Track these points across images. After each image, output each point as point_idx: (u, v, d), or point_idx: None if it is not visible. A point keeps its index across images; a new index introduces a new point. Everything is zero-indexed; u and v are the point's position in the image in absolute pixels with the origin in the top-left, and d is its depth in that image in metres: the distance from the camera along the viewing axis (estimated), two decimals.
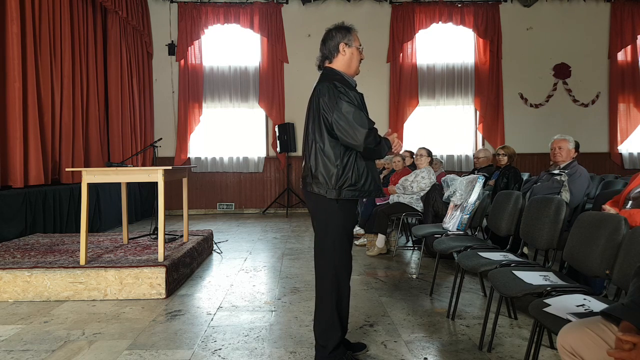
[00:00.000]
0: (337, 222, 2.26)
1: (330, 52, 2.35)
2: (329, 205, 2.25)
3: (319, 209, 2.29)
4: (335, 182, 2.22)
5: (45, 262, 3.65)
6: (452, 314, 3.03)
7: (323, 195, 2.24)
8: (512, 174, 4.85)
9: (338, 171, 2.22)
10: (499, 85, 9.34)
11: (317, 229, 2.33)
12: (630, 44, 9.39)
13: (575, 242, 2.22)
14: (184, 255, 4.05)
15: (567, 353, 1.48)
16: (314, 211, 2.35)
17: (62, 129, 6.11)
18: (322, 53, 2.39)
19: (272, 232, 6.81)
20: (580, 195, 3.69)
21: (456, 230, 3.79)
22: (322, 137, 2.25)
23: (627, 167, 9.30)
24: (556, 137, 3.96)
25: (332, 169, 2.22)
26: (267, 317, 3.08)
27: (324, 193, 2.24)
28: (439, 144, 9.26)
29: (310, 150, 2.29)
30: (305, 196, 2.41)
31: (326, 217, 2.27)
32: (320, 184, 2.24)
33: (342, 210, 2.26)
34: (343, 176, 2.22)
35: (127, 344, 2.63)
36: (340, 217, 2.26)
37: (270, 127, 9.38)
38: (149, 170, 3.72)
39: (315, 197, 2.28)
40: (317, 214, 2.31)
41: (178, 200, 5.66)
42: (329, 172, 2.23)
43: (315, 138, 2.27)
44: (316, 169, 2.25)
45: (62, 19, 6.14)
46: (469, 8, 9.27)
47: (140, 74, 8.58)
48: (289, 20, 9.23)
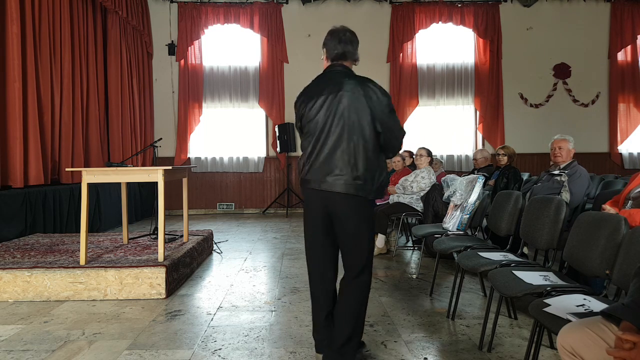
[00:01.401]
0: (370, 222, 2.25)
1: (353, 55, 2.29)
2: (367, 206, 2.21)
3: (353, 209, 2.17)
4: (375, 183, 2.19)
5: (45, 262, 3.65)
6: (452, 314, 3.03)
7: (363, 196, 2.15)
8: (512, 174, 4.85)
9: (380, 172, 2.22)
10: (499, 85, 9.34)
11: (348, 230, 2.18)
12: (630, 44, 9.39)
13: (575, 242, 2.22)
14: (184, 255, 4.05)
15: (567, 353, 1.48)
16: (343, 212, 2.17)
17: (62, 129, 6.11)
18: (344, 50, 2.25)
19: (272, 232, 6.81)
20: (580, 195, 3.69)
21: (456, 230, 3.79)
22: (369, 136, 2.15)
23: (627, 167, 9.30)
24: (556, 137, 3.95)
25: (375, 170, 2.19)
26: (267, 317, 3.08)
27: (365, 195, 2.16)
28: (439, 144, 9.26)
29: (350, 149, 2.13)
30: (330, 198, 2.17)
31: (362, 218, 2.19)
32: (363, 185, 2.14)
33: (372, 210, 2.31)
34: (381, 178, 2.23)
35: (127, 344, 2.63)
36: (371, 216, 2.28)
37: (270, 127, 9.38)
38: (149, 170, 3.72)
39: (348, 198, 2.14)
40: (351, 215, 2.17)
41: (178, 200, 5.66)
42: (373, 173, 2.17)
43: (362, 136, 2.13)
44: (361, 170, 2.13)
45: (62, 19, 6.14)
46: (469, 8, 9.27)
47: (140, 74, 8.58)
48: (289, 20, 9.23)
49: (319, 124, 2.18)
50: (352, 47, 2.27)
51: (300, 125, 2.30)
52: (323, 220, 2.24)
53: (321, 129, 2.17)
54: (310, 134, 2.22)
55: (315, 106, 2.19)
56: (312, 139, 2.20)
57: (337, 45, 2.25)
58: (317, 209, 2.23)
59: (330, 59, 2.28)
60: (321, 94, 2.18)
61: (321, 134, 2.17)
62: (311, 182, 2.21)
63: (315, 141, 2.19)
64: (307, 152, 2.23)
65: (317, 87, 2.24)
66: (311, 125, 2.21)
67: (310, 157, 2.21)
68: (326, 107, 2.17)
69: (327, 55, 2.29)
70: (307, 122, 2.23)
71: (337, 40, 2.25)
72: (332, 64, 2.29)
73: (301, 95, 2.29)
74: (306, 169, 2.23)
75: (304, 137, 2.28)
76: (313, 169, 2.20)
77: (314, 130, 2.20)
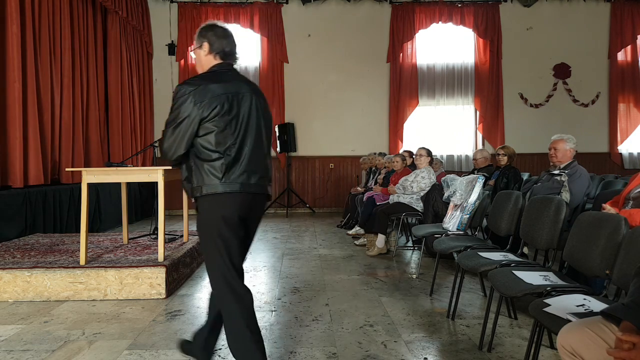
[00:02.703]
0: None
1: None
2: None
3: (263, 210, 2.28)
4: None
5: (45, 262, 3.65)
6: (452, 314, 3.03)
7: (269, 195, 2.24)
8: (512, 174, 4.85)
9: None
10: (499, 85, 9.34)
11: (254, 231, 2.25)
12: (630, 44, 9.39)
13: (575, 242, 2.22)
14: (184, 255, 4.05)
15: (567, 353, 1.48)
16: (260, 214, 2.25)
17: (62, 129, 6.11)
18: (236, 54, 2.22)
19: (272, 232, 6.81)
20: (580, 195, 3.69)
21: (456, 230, 3.79)
22: (269, 138, 2.25)
23: (627, 167, 9.29)
24: (554, 137, 3.92)
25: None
26: (267, 317, 3.08)
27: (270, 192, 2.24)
28: (439, 144, 9.25)
29: (266, 152, 2.19)
30: (259, 200, 2.15)
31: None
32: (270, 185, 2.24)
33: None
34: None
35: (127, 344, 2.63)
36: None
37: None
38: (149, 170, 3.72)
39: (265, 199, 2.21)
40: (261, 216, 2.27)
41: (178, 200, 5.66)
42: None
43: (267, 139, 2.21)
44: (269, 170, 2.23)
45: (62, 19, 6.14)
46: (469, 8, 9.27)
47: (140, 74, 8.58)
48: (289, 20, 9.22)
49: (242, 122, 2.05)
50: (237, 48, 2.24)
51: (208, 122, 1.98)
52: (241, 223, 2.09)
53: (240, 128, 2.04)
54: (231, 132, 2.01)
55: (230, 105, 2.02)
56: (235, 138, 2.02)
57: (232, 43, 2.19)
58: (239, 211, 2.04)
59: (221, 57, 2.15)
60: (231, 93, 2.03)
61: (245, 134, 2.05)
62: (237, 184, 2.02)
63: (242, 140, 2.04)
64: (227, 151, 2.00)
65: (221, 84, 2.02)
66: (231, 123, 2.02)
67: (233, 158, 2.01)
68: (247, 105, 2.07)
69: (217, 52, 2.13)
70: (227, 119, 2.00)
71: (231, 39, 2.19)
72: (226, 62, 2.16)
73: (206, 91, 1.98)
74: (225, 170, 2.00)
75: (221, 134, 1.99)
76: (235, 171, 2.02)
77: (235, 128, 2.03)
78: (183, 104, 1.95)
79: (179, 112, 1.95)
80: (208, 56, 2.14)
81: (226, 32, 2.17)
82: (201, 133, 1.98)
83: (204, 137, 1.98)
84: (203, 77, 2.05)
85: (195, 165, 2.01)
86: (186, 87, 1.97)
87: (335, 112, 9.33)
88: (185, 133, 1.96)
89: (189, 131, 1.96)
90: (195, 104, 1.95)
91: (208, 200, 2.00)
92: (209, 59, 2.14)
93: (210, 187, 1.98)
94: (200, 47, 2.15)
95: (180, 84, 2.01)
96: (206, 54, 2.14)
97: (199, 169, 2.00)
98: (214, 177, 1.97)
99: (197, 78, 2.05)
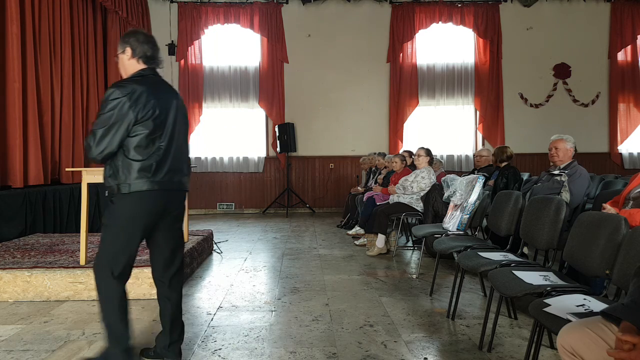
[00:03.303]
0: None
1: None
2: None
3: (184, 204, 2.40)
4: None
5: (45, 262, 3.65)
6: (452, 314, 3.03)
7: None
8: (511, 174, 4.84)
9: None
10: (499, 85, 9.34)
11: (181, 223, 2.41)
12: (630, 44, 9.38)
13: (575, 242, 2.22)
14: (184, 255, 4.04)
15: (567, 353, 1.48)
16: (183, 208, 2.39)
17: (62, 129, 6.11)
18: (159, 59, 2.34)
19: (272, 232, 6.81)
20: (580, 195, 3.69)
21: (456, 230, 3.79)
22: (187, 139, 2.43)
23: (627, 167, 9.29)
24: (553, 137, 3.92)
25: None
26: (267, 317, 3.08)
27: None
28: (439, 144, 9.25)
29: (185, 149, 2.38)
30: (180, 197, 2.34)
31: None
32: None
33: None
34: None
35: None
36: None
37: (270, 127, 9.38)
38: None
39: (185, 195, 2.39)
40: (183, 210, 2.41)
41: None
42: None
43: (186, 140, 2.40)
44: (189, 168, 2.44)
45: (62, 19, 6.15)
46: (469, 8, 9.26)
47: None
48: (289, 20, 9.22)
49: (169, 125, 2.22)
50: (160, 54, 2.38)
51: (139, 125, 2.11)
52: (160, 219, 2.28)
53: (167, 130, 2.21)
54: (159, 134, 2.17)
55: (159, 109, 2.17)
56: (163, 139, 2.18)
57: (154, 47, 2.30)
58: (162, 207, 2.23)
59: (144, 61, 2.27)
60: (160, 98, 2.19)
61: (172, 135, 2.23)
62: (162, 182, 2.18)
63: (168, 142, 2.21)
64: (156, 151, 2.15)
65: (150, 89, 2.16)
66: (160, 125, 2.17)
67: (161, 158, 2.17)
68: (173, 109, 2.26)
69: (139, 56, 2.25)
70: (157, 122, 2.15)
71: (152, 44, 2.30)
72: (150, 67, 2.28)
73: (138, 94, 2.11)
74: (153, 169, 2.14)
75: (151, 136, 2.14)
76: (161, 170, 2.17)
77: (163, 130, 2.18)
78: (117, 106, 2.06)
79: (113, 114, 2.06)
80: (131, 60, 2.27)
81: (148, 38, 2.30)
82: (132, 134, 2.11)
83: (134, 138, 2.11)
84: (134, 81, 2.17)
85: (123, 164, 2.13)
86: (120, 90, 2.09)
87: (335, 112, 9.33)
88: (117, 134, 2.07)
89: (122, 132, 2.08)
90: (130, 107, 2.08)
91: (133, 197, 2.13)
92: (132, 64, 2.27)
93: (137, 185, 2.11)
94: (123, 52, 2.28)
95: (112, 87, 2.12)
96: (129, 59, 2.27)
97: (127, 167, 2.12)
98: (141, 175, 2.12)
99: (128, 82, 2.17)
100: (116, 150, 2.10)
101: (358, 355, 2.46)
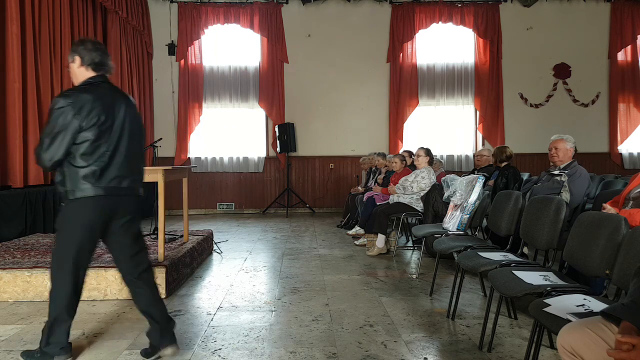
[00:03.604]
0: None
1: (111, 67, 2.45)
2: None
3: (136, 209, 2.48)
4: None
5: (45, 262, 3.64)
6: (452, 314, 3.03)
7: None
8: (511, 174, 4.84)
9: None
10: (499, 85, 9.34)
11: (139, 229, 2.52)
12: (630, 44, 9.38)
13: (575, 242, 2.22)
14: (184, 255, 4.04)
15: (567, 353, 1.48)
16: (135, 213, 2.46)
17: None
18: (109, 65, 2.43)
19: (272, 232, 6.81)
20: (580, 195, 3.69)
21: (456, 230, 3.79)
22: (142, 144, 2.50)
23: (627, 167, 9.29)
24: (553, 137, 3.92)
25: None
26: (267, 317, 3.08)
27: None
28: (439, 144, 9.25)
29: (139, 157, 2.47)
30: (131, 201, 2.43)
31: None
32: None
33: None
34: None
35: (127, 344, 2.64)
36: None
37: (270, 127, 9.38)
38: (148, 170, 3.71)
39: (137, 200, 2.47)
40: (136, 214, 2.48)
41: (178, 200, 5.66)
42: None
43: (140, 144, 2.45)
44: (142, 173, 2.51)
45: (62, 19, 6.15)
46: (469, 8, 9.26)
47: (140, 74, 8.58)
48: (289, 20, 9.22)
49: (115, 131, 2.30)
50: (110, 60, 2.48)
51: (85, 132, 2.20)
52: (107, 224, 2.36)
53: (114, 136, 2.29)
54: (104, 140, 2.25)
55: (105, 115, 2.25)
56: (108, 145, 2.27)
57: (102, 55, 2.38)
58: (108, 213, 2.32)
59: (93, 68, 2.35)
60: (107, 104, 2.28)
61: (119, 141, 2.31)
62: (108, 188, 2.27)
63: (114, 147, 2.29)
64: (101, 157, 2.24)
65: (96, 95, 2.25)
66: (105, 131, 2.26)
67: (106, 164, 2.26)
68: (120, 115, 2.33)
69: (88, 63, 2.33)
70: (102, 128, 2.24)
71: (100, 51, 2.37)
72: (99, 74, 2.37)
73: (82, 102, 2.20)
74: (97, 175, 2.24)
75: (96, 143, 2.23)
76: (107, 176, 2.27)
77: (109, 136, 2.27)
78: (61, 115, 2.15)
79: (58, 123, 2.15)
80: (80, 68, 2.34)
81: (96, 46, 2.38)
82: (78, 141, 2.19)
83: (80, 145, 2.20)
84: (80, 90, 2.26)
85: (69, 171, 2.22)
86: (64, 100, 2.17)
87: (335, 112, 9.33)
88: (63, 142, 2.16)
89: (67, 140, 2.16)
90: (74, 115, 2.16)
91: (79, 203, 2.22)
92: (82, 71, 2.35)
93: (83, 190, 2.21)
94: (73, 62, 2.35)
95: (58, 97, 2.22)
96: (78, 67, 2.34)
97: (73, 174, 2.21)
98: (86, 181, 2.20)
99: (74, 90, 2.26)
100: (63, 157, 2.19)
101: (358, 355, 2.46)
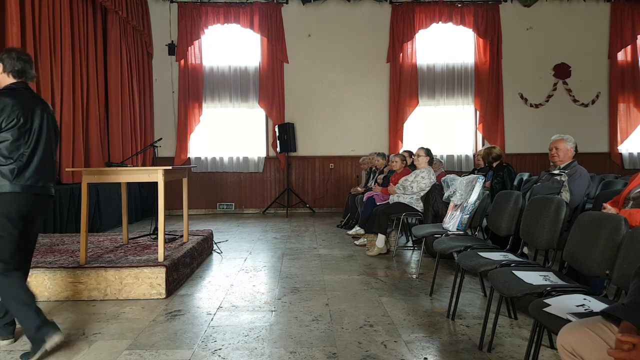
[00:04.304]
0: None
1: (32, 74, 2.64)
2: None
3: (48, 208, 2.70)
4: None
5: (45, 262, 3.64)
6: (452, 314, 3.03)
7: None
8: (505, 173, 4.84)
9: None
10: (499, 85, 9.34)
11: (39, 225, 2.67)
12: (630, 44, 9.38)
13: (575, 242, 2.22)
14: (184, 255, 4.05)
15: (567, 353, 1.48)
16: (46, 211, 2.67)
17: (62, 129, 6.10)
18: (30, 73, 2.61)
19: (272, 232, 6.81)
20: (580, 195, 3.69)
21: (456, 230, 3.79)
22: (56, 148, 2.71)
23: (627, 167, 9.29)
24: (554, 137, 3.92)
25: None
26: (267, 317, 3.08)
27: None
28: (439, 144, 9.26)
29: (54, 159, 2.66)
30: (44, 200, 2.60)
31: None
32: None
33: None
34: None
35: (127, 344, 2.63)
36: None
37: (270, 127, 9.38)
38: (149, 170, 3.72)
39: (51, 199, 2.67)
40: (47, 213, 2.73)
41: (178, 200, 5.67)
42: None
43: (55, 148, 2.67)
44: (55, 174, 2.70)
45: (62, 19, 6.14)
46: (469, 8, 9.26)
47: (140, 74, 8.58)
48: (289, 20, 9.22)
49: (34, 133, 2.52)
50: (31, 66, 2.64)
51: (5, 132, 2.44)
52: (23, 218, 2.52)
53: (33, 138, 2.52)
54: (23, 142, 2.48)
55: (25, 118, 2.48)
56: (27, 147, 2.49)
57: (24, 63, 2.57)
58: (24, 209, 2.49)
59: (14, 75, 2.56)
60: (26, 109, 2.49)
61: (37, 142, 2.53)
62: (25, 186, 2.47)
63: (32, 149, 2.52)
64: (20, 157, 2.46)
65: (16, 100, 2.46)
66: (25, 133, 2.49)
67: (24, 164, 2.47)
68: (38, 119, 2.54)
69: (9, 70, 2.55)
70: (22, 130, 2.47)
71: (22, 60, 2.56)
72: (21, 81, 2.57)
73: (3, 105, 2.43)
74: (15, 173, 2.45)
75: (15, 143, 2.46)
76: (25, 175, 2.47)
77: (28, 138, 2.50)
78: None
79: None
80: (2, 75, 2.57)
81: (20, 55, 2.58)
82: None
83: (1, 145, 2.42)
84: (1, 93, 2.47)
85: None
86: None
87: (335, 112, 9.33)
88: None
89: None
90: None
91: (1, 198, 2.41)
92: (4, 77, 2.57)
93: (2, 187, 2.40)
94: None
95: None
96: (1, 73, 2.57)
97: None
98: (4, 178, 2.40)
99: None
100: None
101: (358, 355, 2.46)
